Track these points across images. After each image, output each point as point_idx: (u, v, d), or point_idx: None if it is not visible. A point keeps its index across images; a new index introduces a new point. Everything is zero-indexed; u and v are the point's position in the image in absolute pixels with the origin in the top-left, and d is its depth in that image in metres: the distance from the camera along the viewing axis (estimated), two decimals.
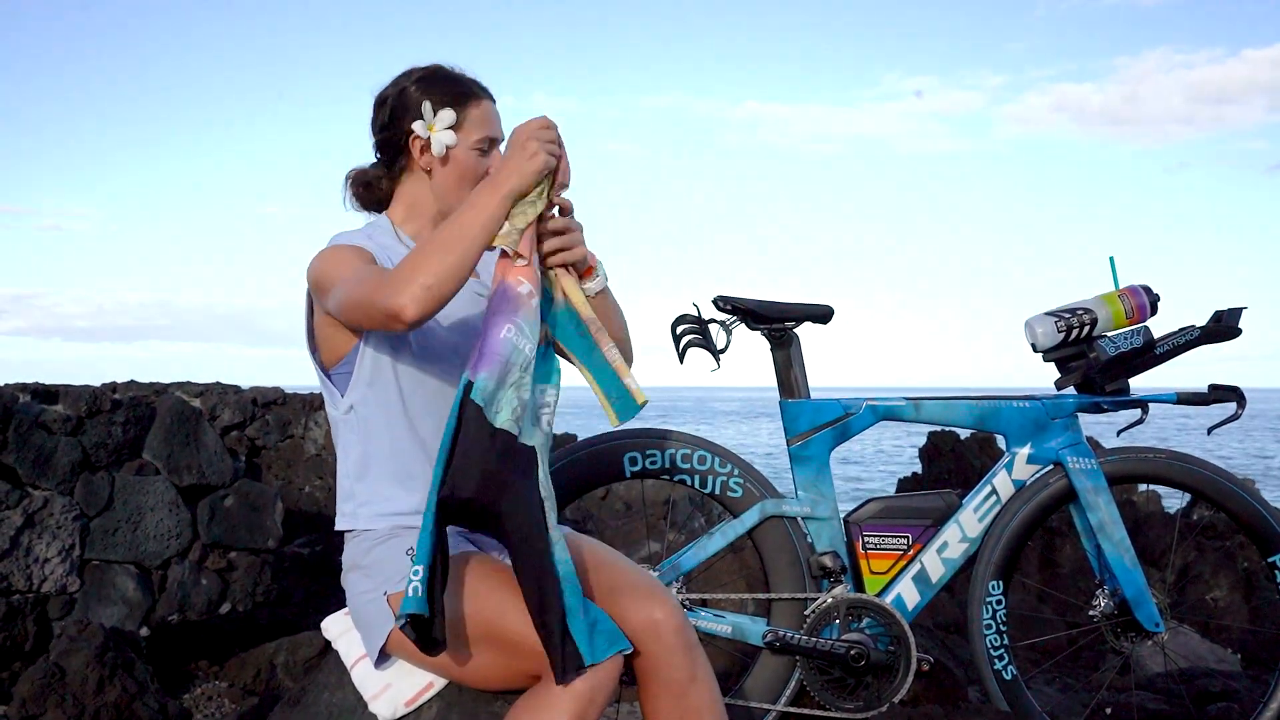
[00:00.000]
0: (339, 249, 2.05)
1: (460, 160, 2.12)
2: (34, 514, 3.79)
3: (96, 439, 4.01)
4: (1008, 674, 2.80)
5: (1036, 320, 2.82)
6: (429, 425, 2.09)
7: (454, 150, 2.11)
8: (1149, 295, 2.84)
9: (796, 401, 2.82)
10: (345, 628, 2.16)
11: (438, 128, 2.09)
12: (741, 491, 2.81)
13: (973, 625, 2.82)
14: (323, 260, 2.04)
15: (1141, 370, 2.87)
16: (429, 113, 2.09)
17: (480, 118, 2.12)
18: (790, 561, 2.78)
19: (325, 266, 2.02)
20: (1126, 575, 2.78)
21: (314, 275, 2.05)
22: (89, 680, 3.04)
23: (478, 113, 2.12)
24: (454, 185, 2.13)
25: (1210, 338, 2.86)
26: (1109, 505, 2.79)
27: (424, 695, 2.04)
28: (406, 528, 2.08)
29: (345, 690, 2.12)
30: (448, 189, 2.14)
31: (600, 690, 1.82)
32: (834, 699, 2.70)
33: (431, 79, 2.13)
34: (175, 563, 4.18)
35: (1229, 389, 2.83)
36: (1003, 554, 2.81)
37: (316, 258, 2.06)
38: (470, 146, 2.12)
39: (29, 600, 3.74)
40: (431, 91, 2.11)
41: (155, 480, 4.15)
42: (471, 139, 2.12)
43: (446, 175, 2.13)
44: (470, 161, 2.12)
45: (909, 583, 2.77)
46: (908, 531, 2.80)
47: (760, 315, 2.78)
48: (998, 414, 2.85)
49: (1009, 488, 2.83)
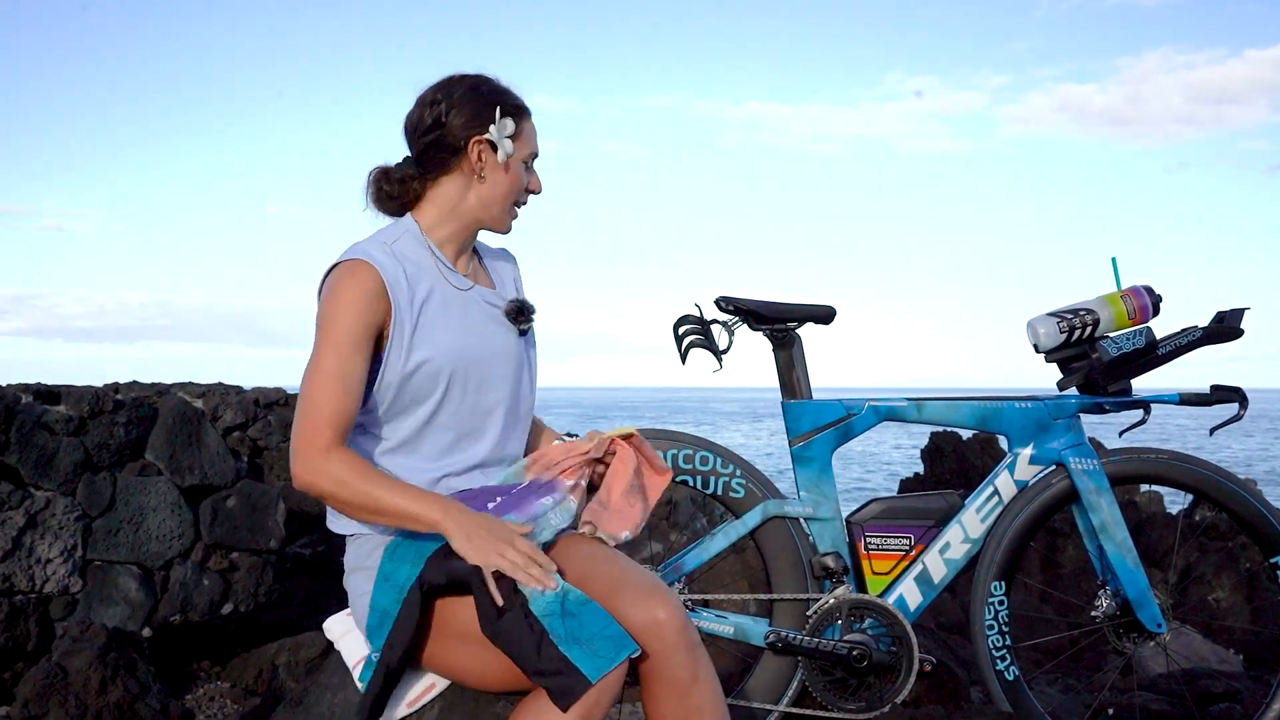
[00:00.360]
0: (346, 302, 2.00)
1: (513, 170, 2.14)
2: (36, 514, 3.79)
3: (99, 439, 4.01)
4: (1010, 674, 2.79)
5: (1039, 321, 2.81)
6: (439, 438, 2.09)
7: (510, 159, 2.13)
8: (1151, 296, 2.83)
9: (799, 402, 2.82)
10: (347, 628, 2.16)
11: (499, 135, 2.10)
12: (744, 492, 2.81)
13: (975, 626, 2.82)
14: (330, 306, 2.01)
15: (1144, 371, 2.87)
16: (500, 119, 2.10)
17: (530, 132, 2.16)
18: (792, 562, 2.78)
19: (326, 314, 2.01)
20: (1129, 576, 2.78)
21: (319, 310, 2.03)
22: (91, 681, 3.04)
23: (529, 126, 2.16)
24: (502, 194, 2.14)
25: (1212, 338, 2.85)
26: (1111, 506, 2.79)
27: (426, 696, 2.04)
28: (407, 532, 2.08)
29: (347, 691, 2.12)
30: (495, 197, 2.13)
31: (605, 692, 1.82)
32: (836, 699, 2.70)
33: (493, 89, 2.14)
34: (177, 563, 4.18)
35: (1231, 389, 2.83)
36: (1005, 555, 2.81)
37: (328, 289, 2.03)
38: (520, 158, 2.15)
39: (31, 601, 3.74)
40: (498, 99, 2.12)
41: (157, 481, 4.16)
42: (524, 152, 2.15)
43: (498, 183, 2.12)
44: (519, 174, 2.15)
45: (911, 583, 2.77)
46: (910, 532, 2.80)
47: (762, 316, 2.78)
48: (1000, 415, 2.84)
49: (1011, 488, 2.83)
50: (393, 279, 2.02)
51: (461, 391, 2.09)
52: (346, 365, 1.98)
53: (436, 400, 2.07)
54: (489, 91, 2.12)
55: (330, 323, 1.99)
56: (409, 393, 2.05)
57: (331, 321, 1.99)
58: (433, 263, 2.11)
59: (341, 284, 2.01)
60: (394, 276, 2.02)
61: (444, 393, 2.07)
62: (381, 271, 2.01)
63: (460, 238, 2.16)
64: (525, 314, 2.19)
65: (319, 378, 1.97)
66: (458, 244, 2.16)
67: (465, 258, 2.18)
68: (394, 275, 2.02)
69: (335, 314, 1.99)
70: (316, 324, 2.02)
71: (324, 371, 1.97)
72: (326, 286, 2.04)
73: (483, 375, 2.11)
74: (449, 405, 2.08)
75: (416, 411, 2.07)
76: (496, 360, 2.14)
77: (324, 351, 1.98)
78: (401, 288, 2.03)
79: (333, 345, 1.98)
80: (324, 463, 1.94)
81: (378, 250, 2.05)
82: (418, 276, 2.07)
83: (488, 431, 2.14)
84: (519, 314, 2.18)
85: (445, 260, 2.14)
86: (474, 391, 2.11)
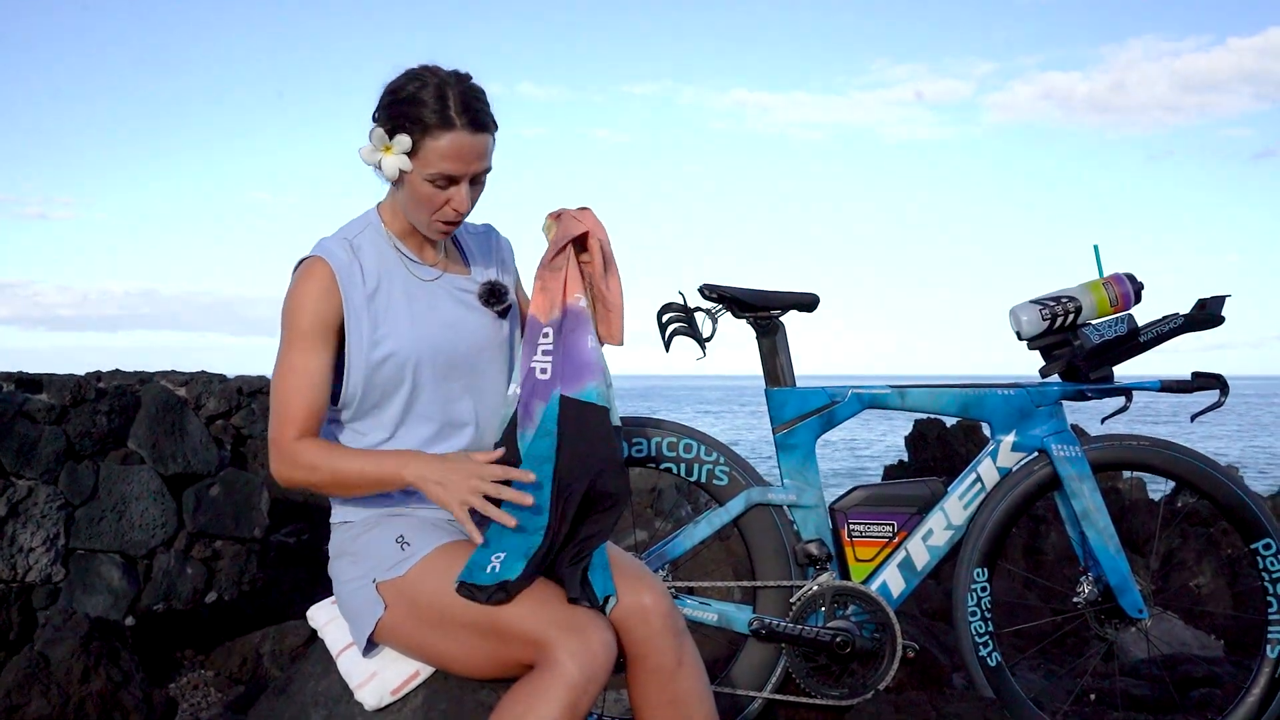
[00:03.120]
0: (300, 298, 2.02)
1: (415, 187, 2.02)
2: (18, 503, 3.77)
3: (81, 428, 3.99)
4: (992, 660, 2.81)
5: (1021, 308, 2.82)
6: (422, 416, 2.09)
7: (408, 175, 2.00)
8: (1133, 283, 2.84)
9: (782, 389, 2.82)
10: (331, 616, 2.16)
11: (395, 150, 1.98)
12: (727, 479, 2.81)
13: (958, 612, 2.83)
14: (289, 302, 2.04)
15: (1125, 358, 2.88)
16: (378, 140, 2.00)
17: (440, 150, 1.97)
18: (776, 549, 2.78)
19: (286, 311, 2.04)
20: (1110, 562, 2.79)
21: (282, 309, 2.06)
22: (74, 670, 3.03)
23: (436, 145, 1.96)
24: (413, 209, 2.06)
25: (1193, 325, 2.87)
26: (1093, 492, 2.81)
27: (410, 684, 2.04)
28: (395, 514, 2.08)
29: (331, 679, 2.12)
30: (409, 209, 2.07)
31: (594, 679, 1.82)
32: (820, 686, 2.71)
33: (407, 101, 1.99)
34: (161, 552, 4.16)
35: (1212, 376, 2.84)
36: (987, 541, 2.82)
37: (289, 292, 2.05)
38: (424, 178, 1.99)
39: (13, 590, 3.73)
40: (389, 118, 2.00)
41: (140, 469, 4.14)
42: (426, 171, 1.99)
43: (407, 198, 2.05)
44: (425, 190, 2.01)
45: (894, 570, 2.78)
46: (893, 519, 2.81)
47: (746, 303, 2.78)
48: (982, 402, 2.85)
49: (994, 475, 2.84)
50: (344, 273, 2.04)
51: (433, 380, 2.09)
52: (308, 360, 2.01)
53: (408, 391, 2.07)
54: (398, 103, 1.99)
55: (289, 319, 2.03)
56: (379, 385, 2.06)
57: (290, 318, 2.03)
58: (395, 255, 2.11)
59: (298, 282, 2.05)
60: (346, 270, 2.04)
61: (413, 383, 2.08)
62: (333, 265, 2.03)
63: (416, 231, 2.13)
64: (498, 295, 2.18)
65: (284, 374, 2.02)
66: (419, 235, 2.15)
67: (432, 247, 2.17)
68: (346, 269, 2.04)
69: (292, 310, 2.03)
70: (280, 323, 2.06)
71: (288, 368, 2.02)
72: (289, 291, 2.06)
73: (454, 363, 2.11)
74: (422, 395, 2.09)
75: (391, 405, 2.08)
76: (471, 347, 2.14)
77: (286, 350, 2.03)
78: (354, 281, 2.04)
79: (293, 342, 2.02)
80: (295, 454, 1.99)
81: (336, 245, 2.07)
82: (375, 269, 2.08)
83: (472, 417, 2.14)
84: (491, 296, 2.18)
85: (408, 251, 2.13)
86: (447, 380, 2.11)
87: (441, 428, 2.11)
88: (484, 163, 2.02)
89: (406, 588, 1.97)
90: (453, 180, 2.00)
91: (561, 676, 1.80)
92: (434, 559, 1.98)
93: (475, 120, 1.98)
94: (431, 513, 2.10)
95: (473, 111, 1.98)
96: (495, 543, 1.96)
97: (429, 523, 2.08)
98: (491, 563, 1.92)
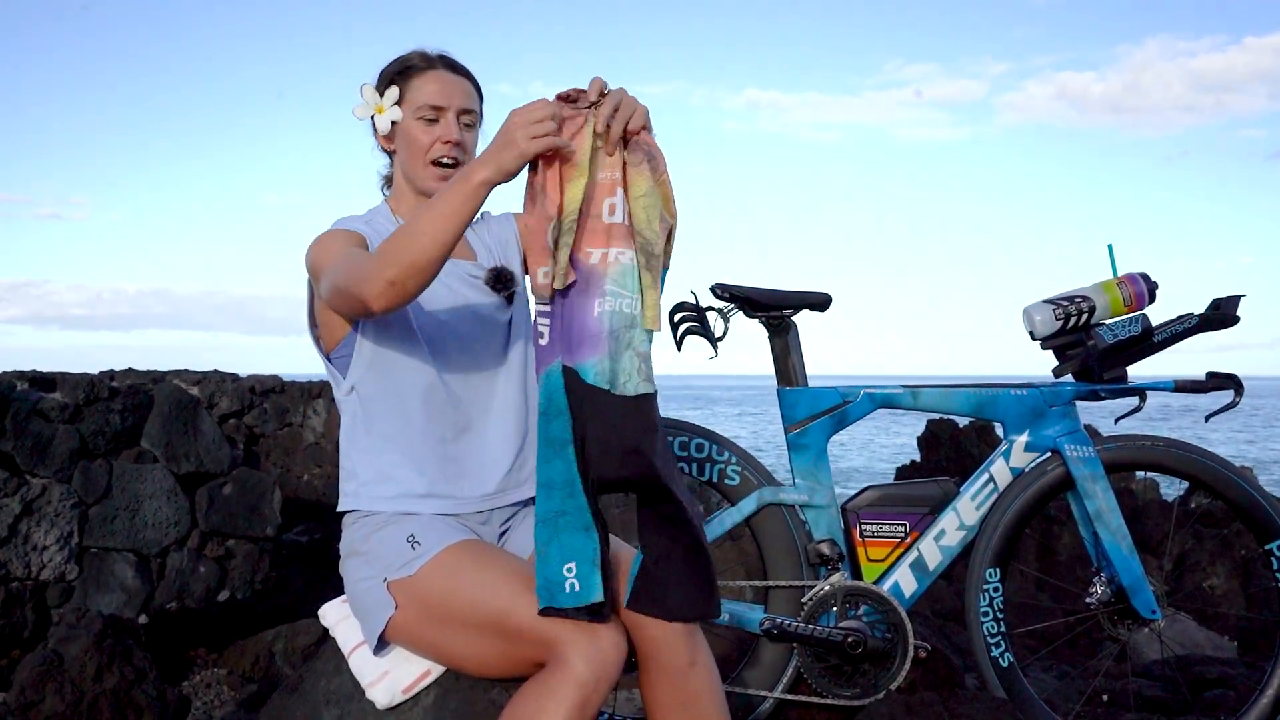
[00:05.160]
0: (333, 234, 2.09)
1: (407, 132, 2.16)
2: (32, 501, 3.79)
3: (94, 427, 4.01)
4: (1005, 661, 2.80)
5: (1034, 308, 2.81)
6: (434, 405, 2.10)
7: (400, 125, 2.17)
8: (1147, 283, 2.83)
9: (794, 389, 2.82)
10: (343, 615, 2.16)
11: (386, 106, 2.16)
12: (739, 479, 2.81)
13: (970, 613, 2.82)
14: (318, 244, 2.07)
15: (1139, 358, 2.87)
16: (370, 96, 2.17)
17: (422, 86, 2.15)
18: (787, 549, 2.78)
19: (318, 251, 2.05)
20: (1124, 563, 2.78)
21: (310, 260, 2.07)
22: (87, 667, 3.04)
23: (419, 81, 2.15)
24: (409, 159, 2.18)
25: (1208, 325, 2.85)
26: (1106, 493, 2.80)
27: (422, 682, 2.04)
28: (406, 513, 2.08)
29: (343, 677, 2.12)
30: (406, 165, 2.19)
31: (604, 678, 1.82)
32: (831, 686, 2.70)
33: (390, 65, 2.19)
34: (173, 550, 4.18)
35: (1227, 376, 2.83)
36: (1000, 542, 2.81)
37: (313, 242, 2.09)
38: (414, 117, 2.15)
39: (27, 587, 3.74)
40: (379, 80, 2.19)
41: (153, 468, 4.15)
42: (414, 109, 2.15)
43: (404, 149, 2.19)
44: (416, 132, 2.15)
45: (906, 570, 2.77)
46: (905, 519, 2.81)
47: (758, 303, 2.78)
48: (995, 402, 2.84)
49: (1006, 475, 2.83)
50: (373, 243, 2.08)
51: (445, 364, 2.11)
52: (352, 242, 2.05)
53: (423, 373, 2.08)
54: (386, 69, 2.19)
55: (325, 251, 2.02)
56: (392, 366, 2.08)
57: (326, 250, 2.02)
58: None
59: (329, 233, 2.10)
60: (374, 242, 2.09)
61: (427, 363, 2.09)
62: (364, 231, 2.12)
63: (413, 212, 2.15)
64: (504, 280, 2.19)
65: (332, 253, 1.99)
66: None
67: None
68: (374, 241, 2.09)
69: (329, 242, 2.05)
70: (312, 267, 2.06)
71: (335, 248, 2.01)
72: (314, 242, 2.09)
73: (464, 346, 2.13)
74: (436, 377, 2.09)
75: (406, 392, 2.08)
76: (479, 330, 2.16)
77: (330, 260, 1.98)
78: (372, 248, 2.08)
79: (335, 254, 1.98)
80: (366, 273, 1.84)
81: (358, 222, 2.16)
82: None
83: (488, 402, 2.15)
84: (498, 281, 2.19)
85: None
86: (460, 368, 2.12)
87: (458, 414, 2.12)
88: (468, 102, 2.17)
89: (417, 587, 1.97)
90: (439, 111, 2.14)
91: (572, 676, 1.80)
92: (445, 558, 1.98)
93: (454, 65, 2.20)
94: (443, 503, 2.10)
95: (450, 60, 2.20)
96: (554, 548, 1.83)
97: (440, 522, 2.08)
98: (566, 577, 1.83)
